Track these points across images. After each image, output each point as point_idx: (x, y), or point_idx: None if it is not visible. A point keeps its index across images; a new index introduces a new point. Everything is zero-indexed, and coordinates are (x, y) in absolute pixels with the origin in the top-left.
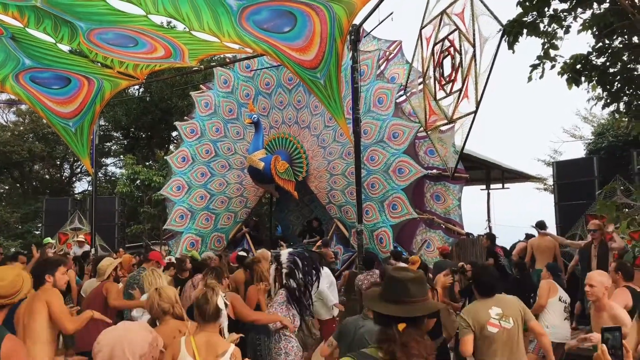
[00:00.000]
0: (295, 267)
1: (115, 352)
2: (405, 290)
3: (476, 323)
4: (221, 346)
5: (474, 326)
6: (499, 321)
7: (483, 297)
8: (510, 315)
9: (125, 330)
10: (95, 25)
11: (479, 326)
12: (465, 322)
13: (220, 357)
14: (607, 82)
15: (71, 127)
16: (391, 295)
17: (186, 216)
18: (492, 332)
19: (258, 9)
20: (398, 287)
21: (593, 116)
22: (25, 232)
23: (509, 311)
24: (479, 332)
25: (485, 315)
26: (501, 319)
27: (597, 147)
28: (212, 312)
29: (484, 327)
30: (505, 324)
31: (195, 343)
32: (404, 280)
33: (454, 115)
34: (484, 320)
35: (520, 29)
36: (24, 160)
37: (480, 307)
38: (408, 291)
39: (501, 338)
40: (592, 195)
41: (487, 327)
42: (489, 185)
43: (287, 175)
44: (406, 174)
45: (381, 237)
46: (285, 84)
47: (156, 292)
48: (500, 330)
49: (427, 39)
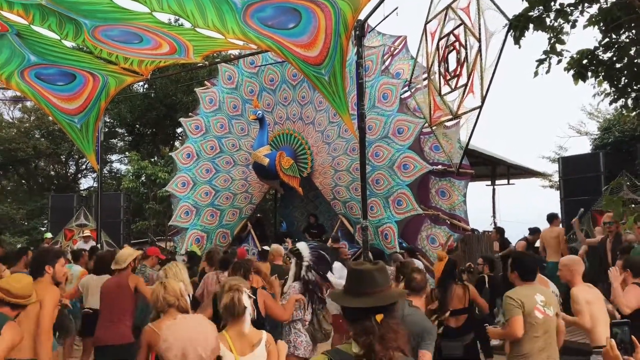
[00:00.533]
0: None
1: (188, 349)
2: (373, 280)
3: (526, 306)
4: (255, 336)
5: (524, 308)
6: (544, 308)
7: (525, 282)
8: (551, 304)
9: (196, 325)
10: (99, 22)
11: (527, 310)
12: (517, 302)
13: (257, 346)
14: (614, 78)
15: (76, 124)
16: (360, 287)
17: (191, 212)
18: (538, 318)
19: (262, 6)
20: (366, 278)
21: (599, 112)
22: (31, 228)
23: (550, 300)
24: (525, 317)
25: (532, 300)
26: (545, 306)
27: (603, 142)
28: (241, 311)
29: (531, 311)
30: (549, 311)
31: (229, 337)
32: (370, 270)
33: (459, 111)
34: (531, 304)
35: (526, 24)
36: (29, 157)
37: (528, 291)
38: (376, 281)
39: (544, 325)
40: (598, 191)
41: (534, 312)
42: (495, 181)
43: (292, 172)
44: (411, 169)
45: (386, 233)
46: (289, 80)
47: (161, 285)
48: (544, 317)
49: (432, 34)
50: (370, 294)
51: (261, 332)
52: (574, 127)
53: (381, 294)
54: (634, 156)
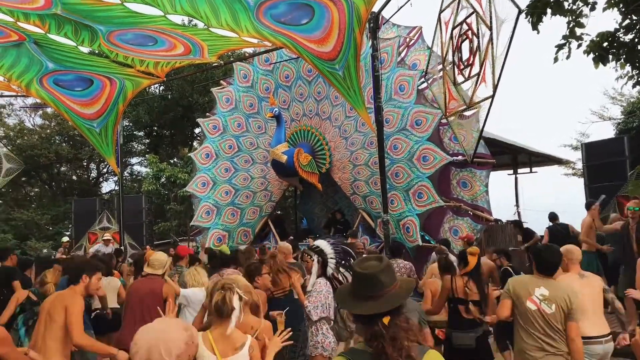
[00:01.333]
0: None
1: (153, 353)
2: (378, 283)
3: (516, 293)
4: (239, 339)
5: (513, 295)
6: (540, 301)
7: (538, 274)
8: (554, 301)
9: (162, 330)
10: (114, 27)
11: (517, 297)
12: (507, 288)
13: (239, 349)
14: (636, 60)
15: (95, 128)
16: (366, 291)
17: (212, 212)
18: (530, 309)
19: (275, 3)
20: (371, 281)
21: (622, 96)
22: (56, 233)
23: (555, 297)
24: (518, 305)
25: (529, 290)
26: (543, 301)
27: (627, 126)
28: (229, 311)
29: (522, 300)
30: (546, 307)
31: (212, 338)
32: (375, 274)
33: (473, 100)
34: (524, 294)
35: (544, 9)
36: (51, 163)
37: (528, 281)
38: (381, 283)
39: (538, 319)
40: (623, 176)
41: (526, 301)
42: (516, 169)
43: (311, 168)
44: (431, 161)
45: (408, 226)
46: (304, 75)
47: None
48: (538, 310)
49: (445, 23)
50: (376, 297)
51: (246, 335)
52: (596, 113)
53: (387, 296)
54: None
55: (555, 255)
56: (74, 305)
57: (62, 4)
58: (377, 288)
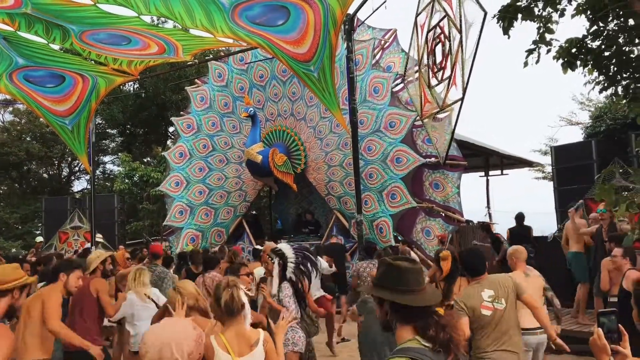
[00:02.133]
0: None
1: (164, 352)
2: (422, 278)
3: (470, 307)
4: (252, 335)
5: (468, 310)
6: (491, 303)
7: (473, 279)
8: (502, 296)
9: (172, 330)
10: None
11: (472, 309)
12: (460, 306)
13: (255, 346)
14: (603, 66)
15: (68, 125)
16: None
17: (185, 211)
18: (486, 315)
19: (250, 5)
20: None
21: (590, 101)
22: (25, 232)
23: (500, 292)
24: (473, 316)
25: (478, 298)
26: (494, 301)
27: (595, 130)
28: (239, 307)
29: (476, 310)
30: (498, 305)
31: (225, 339)
32: (420, 269)
33: (445, 103)
34: (477, 303)
35: (515, 14)
36: (21, 161)
37: (472, 291)
38: (424, 279)
39: (494, 320)
40: (591, 179)
41: (480, 310)
42: (488, 172)
43: (286, 168)
44: (404, 163)
45: (381, 227)
46: (279, 75)
47: (176, 291)
48: (493, 311)
49: (421, 27)
50: (420, 291)
51: (258, 330)
52: (565, 119)
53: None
54: (626, 144)
55: (480, 257)
56: (50, 298)
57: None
58: (422, 283)
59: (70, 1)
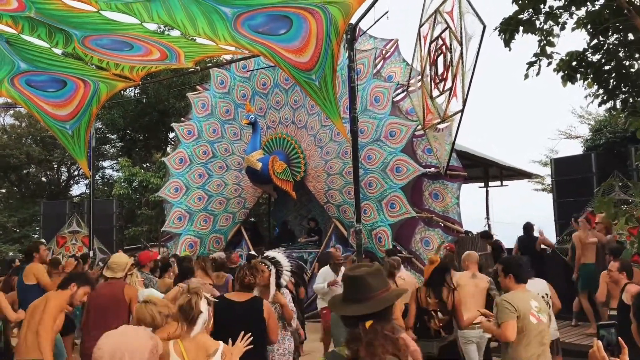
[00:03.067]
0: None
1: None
2: (367, 285)
3: (521, 311)
4: (211, 345)
5: (519, 312)
6: (538, 313)
7: (519, 286)
8: (544, 311)
9: (127, 336)
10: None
11: (523, 314)
12: (512, 307)
13: (212, 356)
14: (602, 79)
15: (68, 130)
16: (352, 294)
17: (184, 218)
18: (533, 324)
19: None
20: (358, 284)
21: (589, 114)
22: (23, 236)
23: (543, 306)
24: (520, 321)
25: (528, 305)
26: (539, 312)
27: (594, 143)
28: (195, 315)
29: (526, 316)
30: (543, 317)
31: (183, 346)
32: (363, 276)
33: (446, 114)
34: (527, 309)
35: (516, 27)
36: (21, 164)
37: (522, 296)
38: (370, 286)
39: (537, 330)
40: (590, 192)
41: (529, 317)
42: (488, 182)
43: (285, 176)
44: (404, 172)
45: (380, 236)
46: (281, 84)
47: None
48: (538, 322)
49: (424, 38)
50: (364, 300)
51: (218, 342)
52: (564, 132)
53: (375, 299)
54: (625, 157)
55: (525, 265)
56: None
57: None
58: (364, 291)
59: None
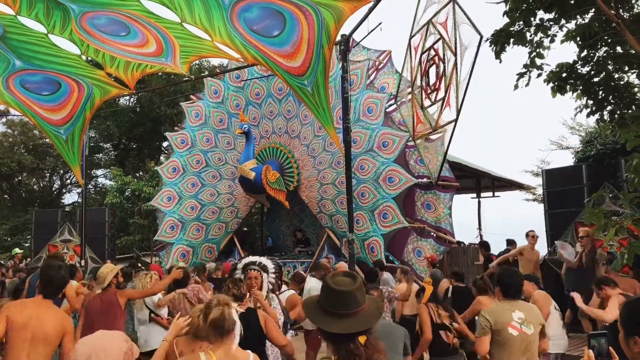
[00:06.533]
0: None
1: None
2: (354, 301)
3: (498, 324)
4: (242, 356)
5: (494, 326)
6: (520, 325)
7: (506, 299)
8: (531, 322)
9: (102, 339)
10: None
11: (500, 327)
12: (487, 322)
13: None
14: (591, 91)
15: (62, 135)
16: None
17: (177, 227)
18: (512, 335)
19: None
20: (347, 299)
21: (580, 125)
22: (14, 244)
23: (531, 318)
24: (498, 333)
25: (507, 316)
26: (523, 324)
27: (585, 155)
28: (231, 327)
29: (504, 328)
30: (526, 329)
31: (216, 357)
32: (352, 291)
33: (438, 124)
34: (505, 321)
35: (507, 39)
36: (13, 172)
37: (502, 308)
38: (357, 301)
39: (519, 342)
40: (581, 203)
41: (507, 328)
42: (480, 193)
43: (278, 185)
44: (396, 182)
45: (372, 246)
46: (275, 93)
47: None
48: (521, 334)
49: (415, 48)
50: (351, 315)
51: (248, 353)
52: (555, 142)
53: (361, 314)
54: (616, 168)
55: (518, 278)
56: None
57: None
58: (353, 306)
59: None
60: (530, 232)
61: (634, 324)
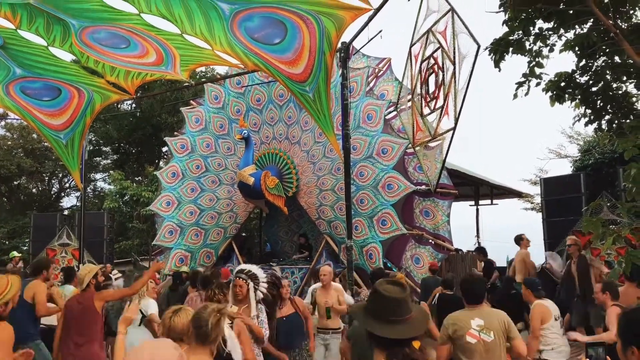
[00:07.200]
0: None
1: None
2: (406, 307)
3: (457, 331)
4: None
5: (452, 335)
6: (478, 332)
7: (469, 306)
8: (491, 329)
9: (154, 350)
10: (87, 22)
11: (459, 334)
12: (445, 331)
13: None
14: (590, 100)
15: (62, 140)
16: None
17: (175, 232)
18: (470, 343)
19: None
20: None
21: (578, 134)
22: (13, 247)
23: (492, 324)
24: (458, 341)
25: (466, 324)
26: (481, 331)
27: (583, 164)
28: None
29: (463, 335)
30: (485, 336)
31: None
32: (404, 298)
33: (437, 132)
34: (464, 329)
35: (506, 48)
36: (12, 175)
37: (462, 316)
38: (408, 308)
39: (478, 350)
40: (579, 212)
41: (465, 336)
42: (478, 201)
43: (277, 191)
44: (395, 189)
45: (371, 253)
46: (276, 100)
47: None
48: (479, 342)
49: (415, 57)
50: (403, 321)
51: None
52: (554, 151)
53: (412, 321)
54: (614, 177)
55: (481, 286)
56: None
57: None
58: (405, 312)
59: None
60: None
61: (632, 334)
